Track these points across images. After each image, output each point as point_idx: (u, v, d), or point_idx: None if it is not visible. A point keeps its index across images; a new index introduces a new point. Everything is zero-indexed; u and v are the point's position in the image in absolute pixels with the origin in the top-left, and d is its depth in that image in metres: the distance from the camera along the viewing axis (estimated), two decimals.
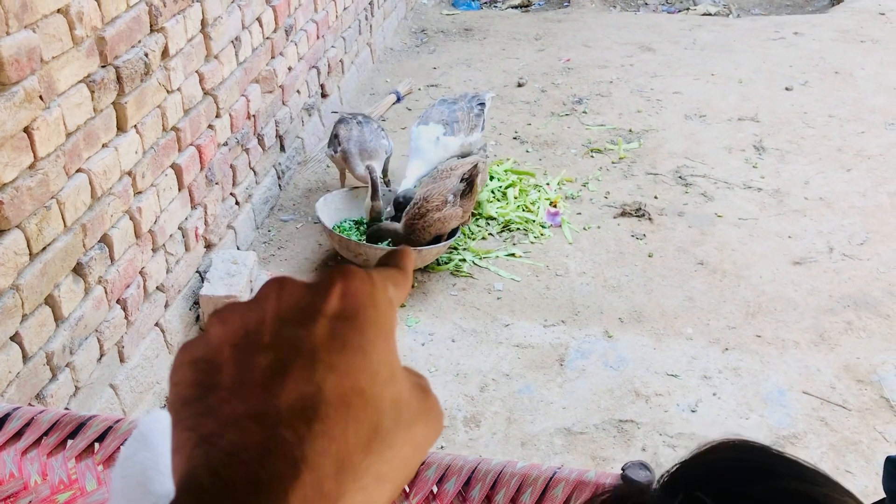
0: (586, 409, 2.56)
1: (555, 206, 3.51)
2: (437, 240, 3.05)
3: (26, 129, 1.93)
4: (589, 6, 5.95)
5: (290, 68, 3.54)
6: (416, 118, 3.65)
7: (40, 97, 1.96)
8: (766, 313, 2.93)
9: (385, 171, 3.52)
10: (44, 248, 2.03)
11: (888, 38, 5.17)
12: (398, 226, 3.06)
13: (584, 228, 3.42)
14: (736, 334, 2.84)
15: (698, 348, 2.79)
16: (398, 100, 4.43)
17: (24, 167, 1.93)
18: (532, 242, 3.33)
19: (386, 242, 3.07)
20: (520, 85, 4.61)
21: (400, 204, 3.16)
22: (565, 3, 6.15)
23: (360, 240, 3.09)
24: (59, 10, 2.00)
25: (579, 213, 3.51)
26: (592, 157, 3.93)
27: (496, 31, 5.39)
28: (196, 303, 2.81)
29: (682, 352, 2.77)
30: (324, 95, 4.04)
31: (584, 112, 4.32)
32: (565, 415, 2.54)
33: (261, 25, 3.20)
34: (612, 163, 3.88)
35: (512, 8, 6.44)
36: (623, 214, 3.48)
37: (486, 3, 6.56)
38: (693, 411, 2.54)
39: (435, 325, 2.90)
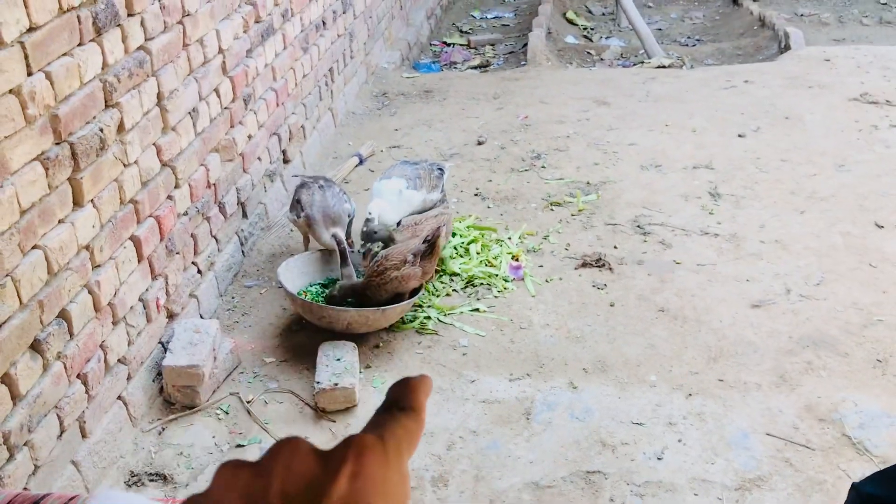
0: (554, 462, 2.56)
1: (517, 260, 3.55)
2: (396, 298, 3.07)
3: None
4: (545, 64, 6.10)
5: (249, 136, 3.59)
6: (378, 177, 3.70)
7: None
8: (728, 357, 2.97)
9: (348, 234, 3.55)
10: (0, 325, 2.03)
11: (834, 83, 5.34)
12: (357, 283, 3.08)
13: (547, 281, 3.46)
14: (698, 379, 2.87)
15: (662, 395, 2.81)
16: (361, 162, 4.49)
17: None
18: (496, 297, 3.36)
19: (348, 301, 3.08)
20: (480, 143, 4.70)
21: (368, 225, 3.29)
22: (523, 63, 6.31)
23: (319, 301, 3.11)
24: (10, 91, 2.03)
25: (541, 266, 3.56)
26: (552, 210, 3.99)
27: (456, 92, 5.51)
28: (159, 374, 2.80)
29: (647, 399, 2.79)
30: (286, 161, 4.09)
31: (543, 167, 4.41)
32: (533, 469, 2.54)
33: (218, 96, 3.25)
34: (572, 215, 3.94)
35: (471, 69, 6.59)
36: (584, 265, 3.53)
37: (445, 65, 6.71)
38: (659, 459, 2.55)
39: None
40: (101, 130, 2.43)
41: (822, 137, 4.62)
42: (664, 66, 6.18)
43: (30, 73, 2.11)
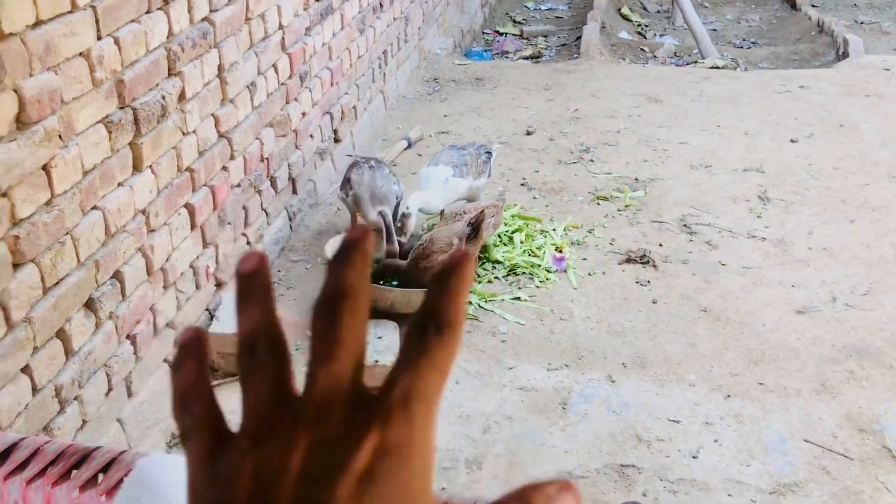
0: (588, 454, 2.57)
1: (560, 252, 3.55)
2: None
3: (44, 167, 1.99)
4: (598, 58, 6.06)
5: (304, 113, 3.63)
6: (425, 163, 3.73)
7: (59, 136, 2.03)
8: (769, 361, 2.95)
9: (395, 215, 3.57)
10: (57, 283, 2.08)
11: (892, 93, 5.23)
12: (402, 263, 3.11)
13: (589, 274, 3.45)
14: (738, 381, 2.85)
15: (701, 395, 2.80)
16: (409, 146, 4.51)
17: (40, 203, 1.99)
18: (537, 287, 3.37)
19: (392, 282, 3.11)
20: (528, 133, 4.69)
21: (403, 220, 3.29)
22: (575, 56, 6.27)
23: None
24: (80, 54, 2.09)
25: (584, 259, 3.55)
26: (598, 204, 3.98)
27: (507, 81, 5.50)
28: None
29: (685, 398, 2.78)
30: (337, 140, 4.12)
31: (591, 160, 4.39)
32: (567, 459, 2.55)
33: (276, 71, 3.29)
34: (618, 210, 3.92)
35: (523, 59, 6.57)
36: (628, 261, 3.52)
37: (497, 54, 6.69)
38: (694, 457, 2.54)
39: None
40: (164, 98, 2.47)
41: (876, 147, 4.54)
42: (718, 67, 6.11)
43: (99, 38, 2.16)
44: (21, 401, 1.98)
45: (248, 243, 3.21)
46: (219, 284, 2.98)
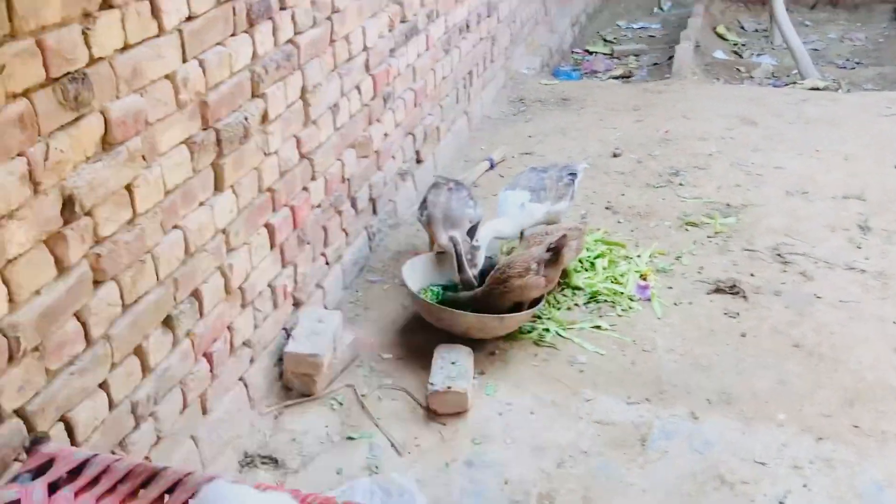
0: (667, 493, 2.45)
1: (645, 280, 3.44)
2: (517, 307, 3.03)
3: (128, 187, 2.03)
4: (691, 78, 5.90)
5: (386, 134, 3.63)
6: (503, 186, 3.68)
7: (143, 157, 2.07)
8: (866, 402, 2.77)
9: (473, 238, 3.53)
10: (136, 301, 2.12)
11: None
12: (476, 291, 3.05)
13: (675, 304, 3.33)
14: (831, 423, 2.68)
15: (790, 435, 2.64)
16: (492, 167, 4.47)
17: (122, 222, 2.03)
18: (619, 315, 3.27)
19: (468, 306, 3.07)
20: (615, 155, 4.59)
21: (473, 252, 3.19)
22: (667, 75, 6.12)
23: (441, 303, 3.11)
24: (166, 76, 2.13)
25: (670, 288, 3.43)
26: (687, 230, 3.84)
27: (594, 101, 5.41)
28: (280, 359, 2.87)
29: (773, 438, 2.64)
30: (418, 161, 4.12)
31: (681, 184, 4.26)
32: (644, 498, 2.45)
33: (359, 93, 3.31)
34: (708, 237, 3.78)
35: (613, 79, 6.46)
36: (716, 291, 3.38)
37: (586, 73, 6.61)
38: (781, 503, 2.40)
39: (514, 395, 2.86)
40: (246, 119, 2.51)
41: None
42: (818, 89, 5.87)
43: (185, 61, 2.19)
44: (98, 416, 2.02)
45: (327, 263, 3.22)
46: (296, 304, 3.00)
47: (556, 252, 3.06)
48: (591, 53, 7.09)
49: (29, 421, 1.80)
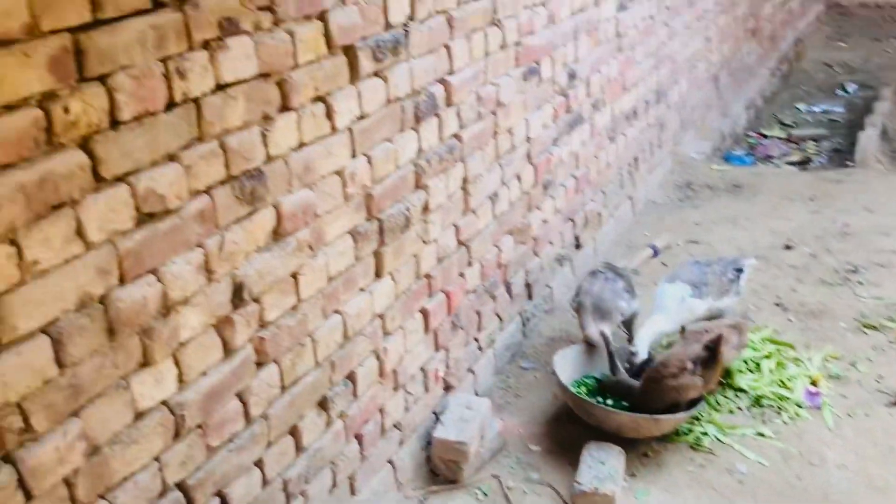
0: None
1: (815, 385, 3.22)
2: (674, 406, 2.91)
3: (294, 275, 2.16)
4: (875, 167, 5.57)
5: (545, 221, 3.65)
6: (662, 278, 3.58)
7: (309, 246, 2.20)
8: None
9: (630, 331, 3.46)
10: (294, 382, 2.22)
11: None
12: (634, 385, 2.97)
13: (849, 415, 3.08)
14: None
15: None
16: (655, 254, 4.37)
17: (286, 308, 2.15)
18: (785, 423, 3.06)
19: (620, 403, 2.98)
20: (788, 248, 4.37)
21: (631, 359, 3.10)
22: (848, 163, 5.80)
23: (593, 398, 3.04)
24: (335, 172, 2.25)
25: (844, 397, 3.19)
26: (865, 333, 3.58)
27: (768, 189, 5.20)
28: (428, 443, 2.89)
29: None
30: (578, 247, 4.10)
31: (860, 282, 3.98)
32: None
33: (519, 181, 3.36)
34: (889, 342, 3.50)
35: (789, 165, 6.20)
36: None
37: (760, 158, 6.38)
38: None
39: (666, 502, 2.73)
40: (408, 210, 2.60)
41: None
42: None
43: (354, 157, 2.32)
44: (251, 492, 2.11)
45: (480, 348, 3.25)
46: (447, 388, 3.03)
47: (713, 351, 2.93)
48: (766, 137, 6.85)
49: (188, 494, 1.91)
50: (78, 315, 1.59)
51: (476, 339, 3.22)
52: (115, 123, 1.62)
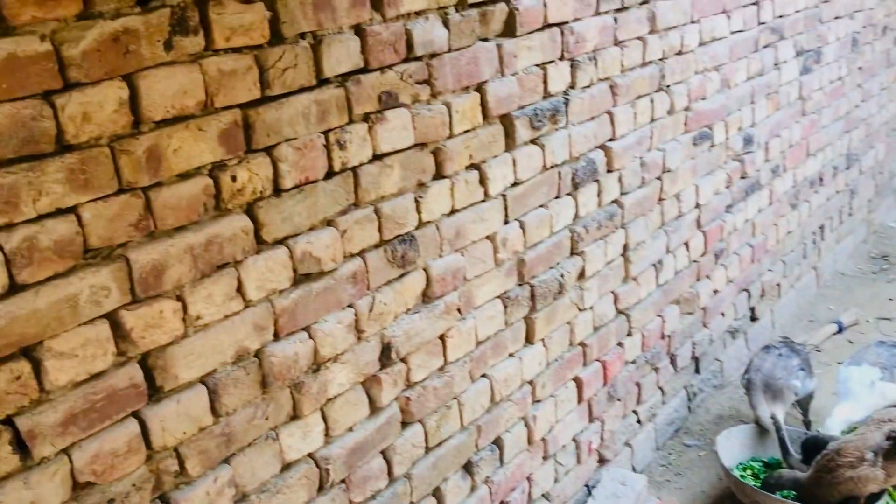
0: None
1: None
2: (851, 500, 2.66)
3: (441, 337, 2.20)
4: None
5: (715, 291, 3.50)
6: (845, 360, 3.31)
7: (458, 310, 2.23)
8: None
9: (806, 412, 3.22)
10: (439, 444, 2.25)
11: None
12: (802, 476, 2.74)
13: None
14: None
15: None
16: (840, 330, 4.06)
17: (433, 369, 2.19)
18: None
19: (786, 492, 2.76)
20: None
21: (808, 446, 2.85)
22: None
23: (756, 485, 2.83)
24: (487, 237, 2.29)
25: None
26: None
27: None
28: None
29: None
30: (753, 319, 3.89)
31: None
32: None
33: (687, 249, 3.25)
34: None
35: None
36: None
37: None
38: None
39: None
40: (562, 276, 2.59)
41: None
42: None
43: (506, 222, 2.35)
44: None
45: (639, 421, 3.14)
46: (601, 460, 2.94)
47: None
48: None
49: None
50: (234, 367, 1.71)
51: (635, 412, 3.12)
52: (277, 191, 1.74)
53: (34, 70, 1.33)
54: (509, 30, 2.25)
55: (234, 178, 1.65)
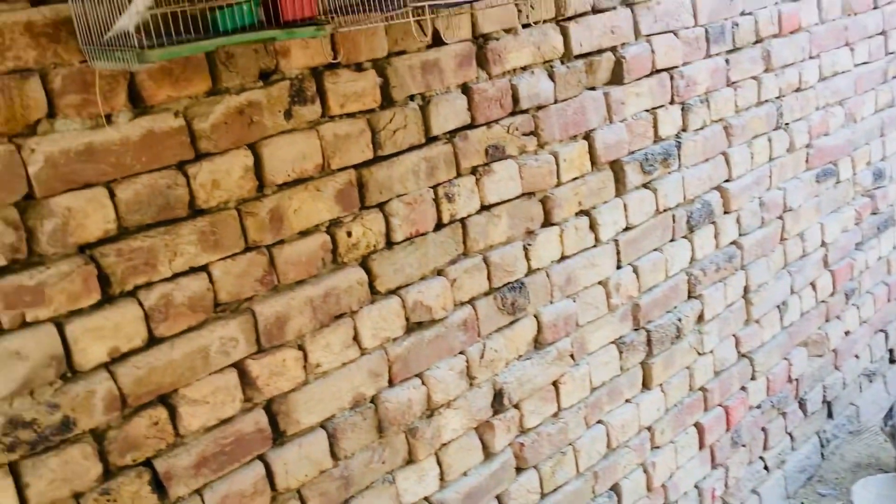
0: None
1: None
2: None
3: (554, 383, 2.22)
4: None
5: (847, 332, 3.35)
6: None
7: (571, 356, 2.25)
8: None
9: None
10: (554, 490, 2.26)
11: None
12: None
13: None
14: None
15: None
16: None
17: (547, 416, 2.21)
18: None
19: None
20: None
21: None
22: None
23: None
24: (599, 283, 2.31)
25: None
26: None
27: None
28: None
29: None
30: (892, 361, 3.68)
31: None
32: None
33: (814, 289, 3.14)
34: None
35: None
36: None
37: None
38: None
39: None
40: (679, 320, 2.56)
41: None
42: None
43: (618, 267, 2.36)
44: None
45: (766, 468, 3.02)
46: None
47: None
48: None
49: None
50: (351, 413, 1.79)
51: (762, 458, 3.01)
52: (389, 243, 1.83)
53: (169, 143, 1.47)
54: (616, 78, 2.29)
55: (349, 234, 1.75)
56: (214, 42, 1.23)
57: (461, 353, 1.99)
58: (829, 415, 3.34)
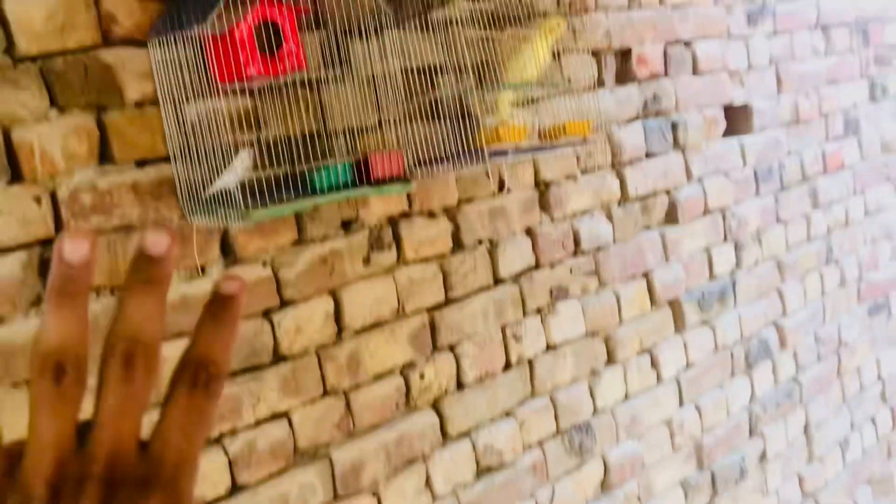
0: None
1: None
2: None
3: None
4: None
5: None
6: None
7: (638, 498, 2.20)
8: None
9: None
10: None
11: None
12: None
13: None
14: None
15: None
16: None
17: None
18: None
19: None
20: None
21: None
22: None
23: None
24: (663, 422, 2.28)
25: None
26: None
27: None
28: None
29: None
30: None
31: None
32: None
33: (874, 425, 3.07)
34: None
35: None
36: None
37: None
38: None
39: None
40: (743, 459, 2.51)
41: None
42: None
43: (681, 405, 2.34)
44: None
45: None
46: None
47: None
48: None
49: None
50: None
51: None
52: (460, 385, 1.84)
53: (257, 292, 1.52)
54: (671, 218, 2.34)
55: (422, 376, 1.77)
56: (314, 201, 1.30)
57: (531, 496, 1.96)
58: None
